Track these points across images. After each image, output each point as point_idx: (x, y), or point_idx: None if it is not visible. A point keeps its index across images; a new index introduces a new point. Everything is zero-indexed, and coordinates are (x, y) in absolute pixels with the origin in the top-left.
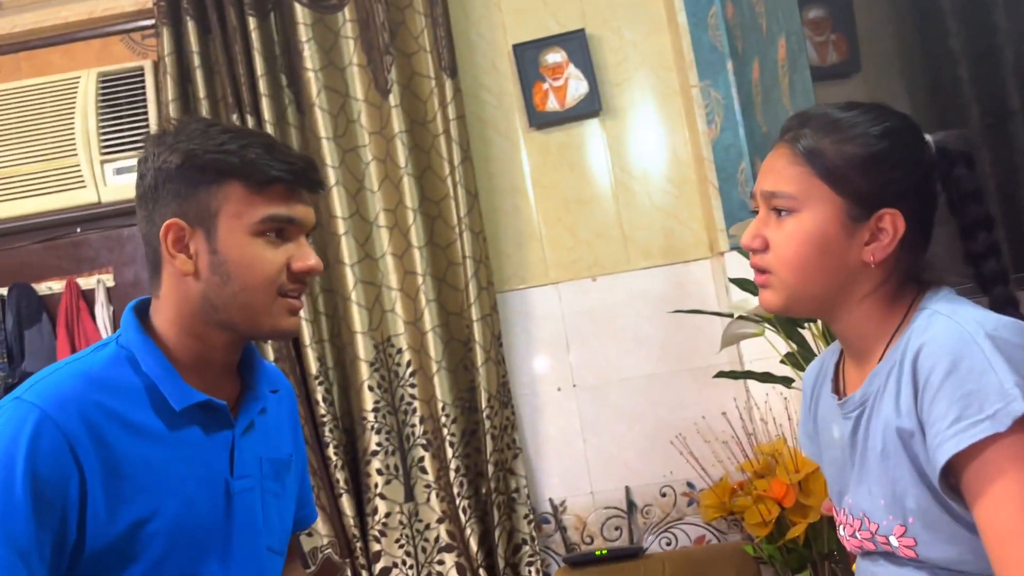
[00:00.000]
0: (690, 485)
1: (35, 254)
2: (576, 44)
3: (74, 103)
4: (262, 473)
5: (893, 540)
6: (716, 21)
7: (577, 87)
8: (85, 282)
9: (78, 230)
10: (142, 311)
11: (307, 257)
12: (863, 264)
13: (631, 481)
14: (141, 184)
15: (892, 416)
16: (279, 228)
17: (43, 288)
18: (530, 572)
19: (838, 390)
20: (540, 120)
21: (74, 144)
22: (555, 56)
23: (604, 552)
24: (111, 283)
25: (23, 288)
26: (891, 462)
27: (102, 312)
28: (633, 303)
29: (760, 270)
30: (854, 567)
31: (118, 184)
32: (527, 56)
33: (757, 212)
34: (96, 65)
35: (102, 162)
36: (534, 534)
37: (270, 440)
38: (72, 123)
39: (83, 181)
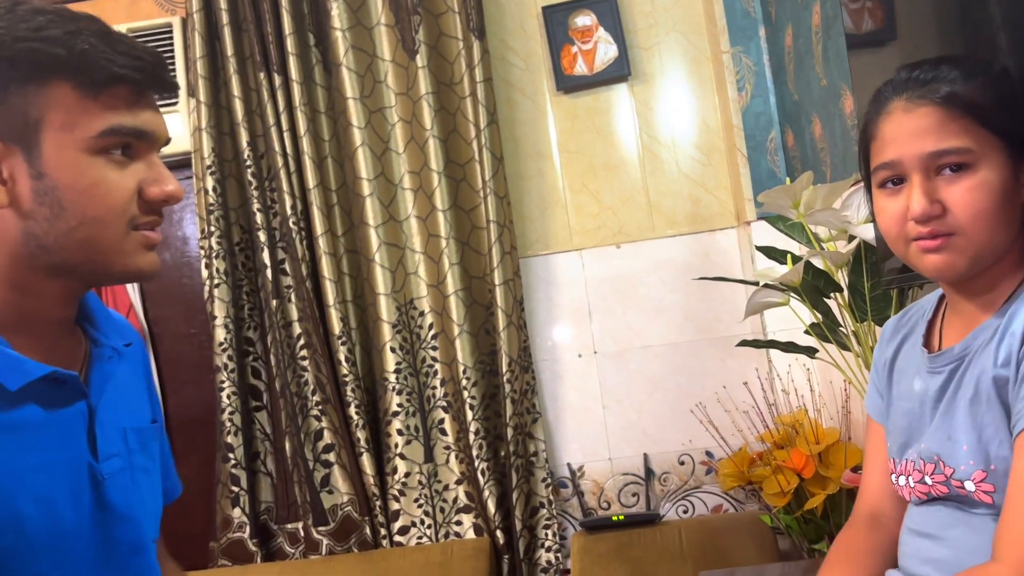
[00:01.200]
0: (709, 454)
1: None
2: (606, 7)
3: None
4: (128, 448)
5: (970, 484)
6: None
7: (606, 51)
8: None
9: None
10: None
11: (164, 180)
12: None
13: (649, 448)
14: None
15: (990, 365)
16: (125, 143)
17: None
18: (547, 535)
19: (930, 344)
20: (568, 84)
21: None
22: (584, 19)
23: (621, 517)
24: None
25: None
26: (982, 408)
27: None
28: (657, 271)
29: (938, 235)
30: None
31: None
32: (556, 18)
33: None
34: (125, 21)
35: None
36: (551, 498)
37: (130, 405)
38: None
39: None
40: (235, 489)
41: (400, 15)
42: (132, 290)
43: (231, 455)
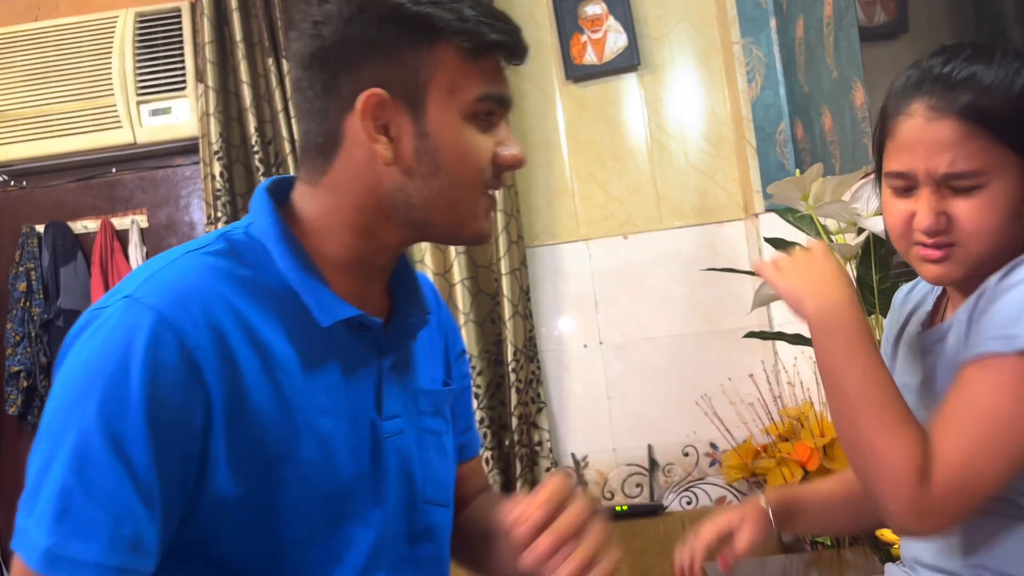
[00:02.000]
0: (713, 446)
1: (71, 193)
2: None
3: (111, 43)
4: (419, 410)
5: None
6: None
7: (616, 40)
8: (119, 222)
9: (114, 170)
10: (280, 194)
11: (513, 145)
12: None
13: (654, 439)
14: (312, 42)
15: (955, 344)
16: (491, 109)
17: (78, 227)
18: None
19: (932, 321)
20: (577, 73)
21: (111, 84)
22: (594, 8)
23: (624, 508)
24: (145, 224)
25: (59, 226)
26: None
27: (135, 252)
28: (664, 262)
29: (941, 246)
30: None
31: (153, 125)
32: (566, 7)
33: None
34: (134, 5)
35: (138, 103)
36: None
37: (427, 368)
38: (109, 63)
39: (119, 121)
40: None
41: None
42: None
43: None
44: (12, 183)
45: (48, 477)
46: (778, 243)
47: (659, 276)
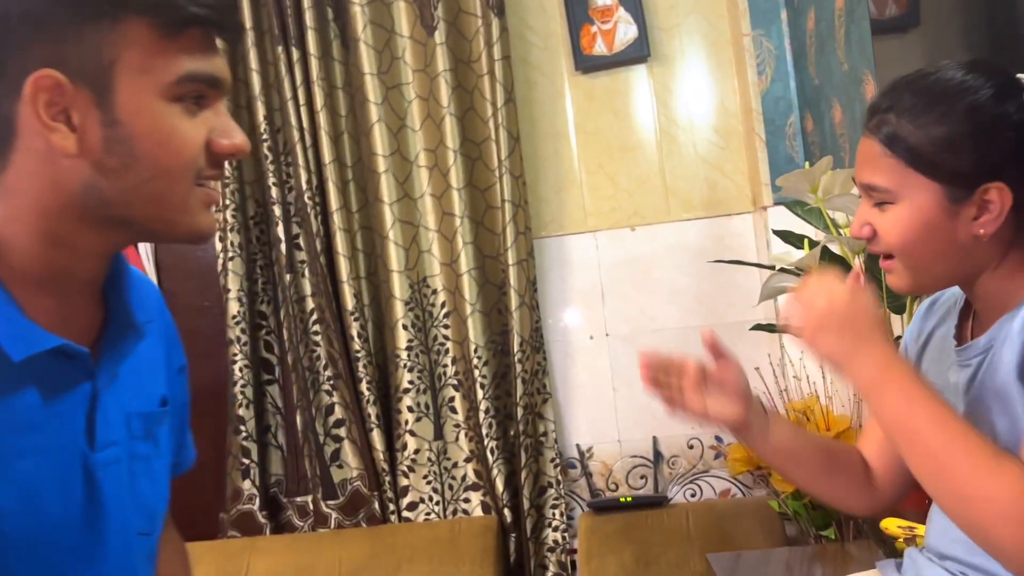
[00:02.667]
0: (718, 439)
1: None
2: None
3: None
4: (131, 435)
5: None
6: None
7: (626, 31)
8: None
9: None
10: None
11: (232, 132)
12: (976, 239)
13: (659, 431)
14: None
15: (1013, 356)
16: (199, 91)
17: None
18: (554, 515)
19: (960, 336)
20: (586, 64)
21: None
22: None
23: (629, 499)
24: None
25: None
26: (1011, 403)
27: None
28: (671, 255)
29: (882, 255)
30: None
31: None
32: None
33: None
34: None
35: None
36: (560, 478)
37: (143, 387)
38: None
39: None
40: (246, 461)
41: None
42: (147, 262)
43: (242, 427)
44: None
45: None
46: (787, 236)
47: (667, 268)
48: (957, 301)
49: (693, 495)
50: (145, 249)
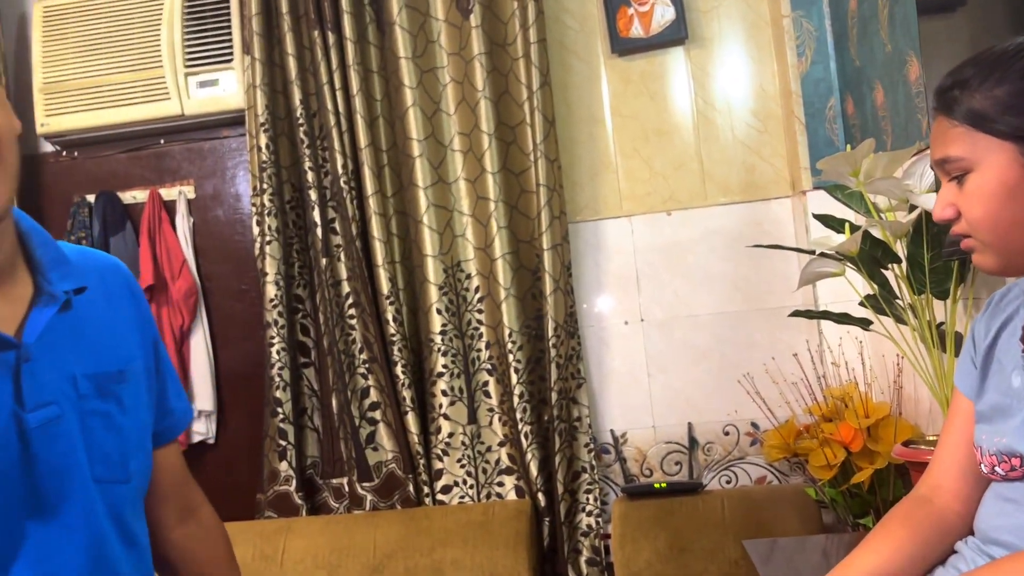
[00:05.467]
0: (754, 425)
1: (120, 163)
2: None
3: (160, 14)
4: (78, 394)
5: None
6: None
7: (663, 13)
8: (167, 193)
9: (162, 141)
10: None
11: None
12: None
13: (694, 417)
14: None
15: None
16: None
17: (127, 197)
18: (588, 499)
19: None
20: (623, 47)
21: (160, 56)
22: None
23: (663, 485)
24: (192, 195)
25: (109, 196)
26: None
27: (182, 223)
28: (708, 240)
29: (963, 235)
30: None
31: (201, 97)
32: None
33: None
34: None
35: (186, 75)
36: (594, 463)
37: (94, 351)
38: (158, 34)
39: (167, 93)
40: (282, 443)
41: None
42: (186, 246)
43: (279, 410)
44: (64, 153)
45: None
46: (827, 220)
47: (703, 253)
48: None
49: (728, 482)
50: (184, 233)
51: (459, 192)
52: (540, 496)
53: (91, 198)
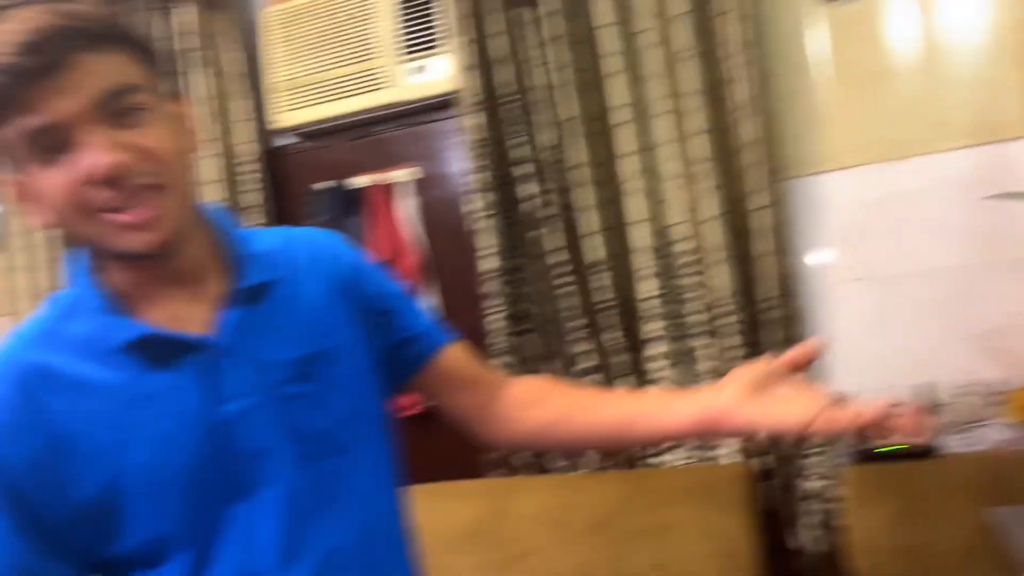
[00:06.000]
0: (996, 386)
1: (346, 152)
2: None
3: (375, 10)
4: (276, 381)
5: None
6: None
7: None
8: (390, 176)
9: (381, 128)
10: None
11: (90, 156)
12: None
13: (926, 378)
14: None
15: None
16: (46, 144)
17: (355, 182)
18: (814, 462)
19: None
20: None
21: (376, 47)
22: None
23: (895, 448)
24: (412, 177)
25: (339, 183)
26: None
27: (405, 204)
28: (938, 189)
29: None
30: None
31: (416, 83)
32: None
33: None
34: None
35: (401, 62)
36: None
37: (290, 335)
38: (374, 28)
39: (386, 82)
40: None
41: None
42: (411, 225)
43: None
44: (299, 145)
45: None
46: None
47: (933, 204)
48: None
49: (968, 445)
50: (407, 213)
51: (666, 156)
52: (762, 459)
53: (323, 185)
